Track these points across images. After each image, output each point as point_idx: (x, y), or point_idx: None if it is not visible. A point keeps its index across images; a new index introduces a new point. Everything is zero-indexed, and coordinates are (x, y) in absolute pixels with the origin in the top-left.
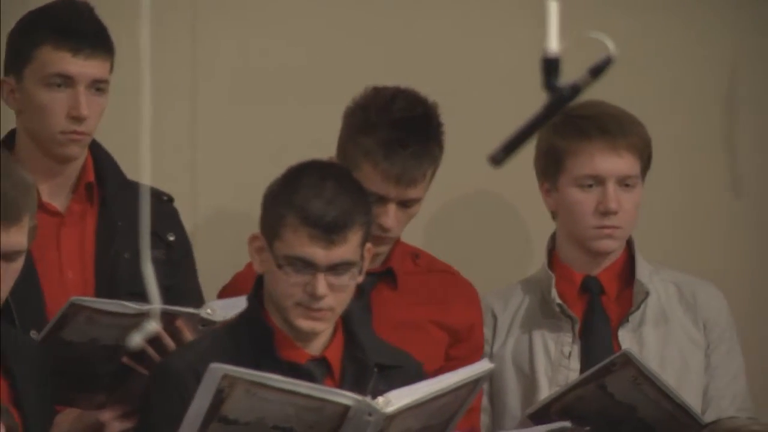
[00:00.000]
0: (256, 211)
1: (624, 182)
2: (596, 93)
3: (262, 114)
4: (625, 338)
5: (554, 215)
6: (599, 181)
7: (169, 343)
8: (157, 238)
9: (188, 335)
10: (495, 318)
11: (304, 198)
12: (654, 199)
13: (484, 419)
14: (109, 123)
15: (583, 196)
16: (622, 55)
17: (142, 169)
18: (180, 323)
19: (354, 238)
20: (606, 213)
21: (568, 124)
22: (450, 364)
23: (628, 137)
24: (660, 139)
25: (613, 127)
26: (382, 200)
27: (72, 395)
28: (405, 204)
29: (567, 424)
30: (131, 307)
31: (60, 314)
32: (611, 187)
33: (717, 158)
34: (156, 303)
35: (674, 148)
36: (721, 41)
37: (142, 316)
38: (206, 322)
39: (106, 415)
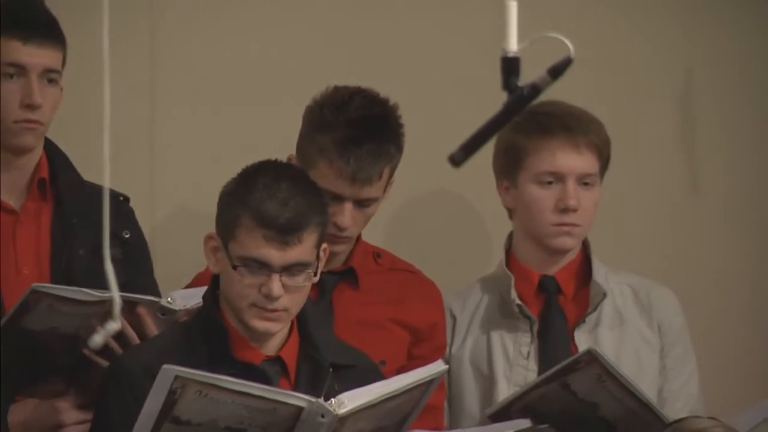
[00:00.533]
0: (215, 211)
1: (583, 180)
2: (555, 93)
3: (221, 114)
4: (582, 339)
5: (511, 214)
6: (559, 178)
7: (131, 334)
8: (113, 236)
9: (150, 323)
10: (454, 318)
11: (259, 199)
12: (612, 199)
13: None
14: (68, 123)
15: (543, 193)
16: (580, 55)
17: (101, 168)
18: (141, 311)
19: (309, 239)
20: (565, 210)
21: (529, 121)
22: (413, 363)
23: (590, 135)
24: (617, 139)
25: (575, 124)
26: (338, 199)
27: (30, 385)
28: (361, 203)
29: (527, 422)
30: (92, 294)
31: (21, 301)
32: (571, 184)
33: (675, 157)
34: (116, 292)
35: (631, 148)
36: (677, 42)
37: (103, 304)
38: (166, 311)
39: (64, 405)
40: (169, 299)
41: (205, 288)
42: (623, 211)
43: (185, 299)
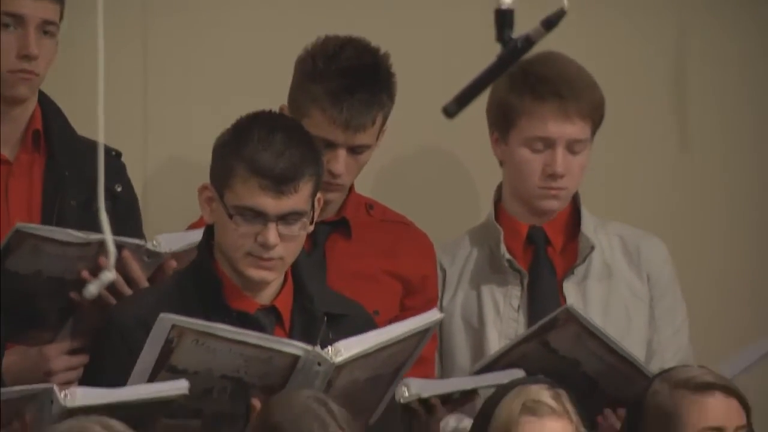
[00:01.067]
0: (207, 162)
1: (573, 147)
2: (548, 46)
3: (213, 65)
4: (570, 291)
5: (501, 164)
6: (549, 144)
7: (119, 279)
8: (105, 189)
9: (135, 267)
10: (444, 272)
11: (254, 149)
12: (604, 155)
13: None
14: (61, 76)
15: (532, 156)
16: (574, 8)
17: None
18: (126, 254)
19: (305, 188)
20: (553, 176)
21: (524, 82)
22: (405, 314)
23: (581, 102)
24: (609, 95)
25: (567, 91)
26: (332, 146)
27: (18, 332)
28: (354, 150)
29: (520, 371)
30: (77, 235)
31: (5, 241)
32: (560, 151)
33: (666, 115)
34: (110, 242)
35: (623, 105)
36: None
37: (88, 246)
38: (152, 254)
39: (52, 351)
40: (154, 242)
41: (192, 232)
42: (615, 167)
43: (171, 242)
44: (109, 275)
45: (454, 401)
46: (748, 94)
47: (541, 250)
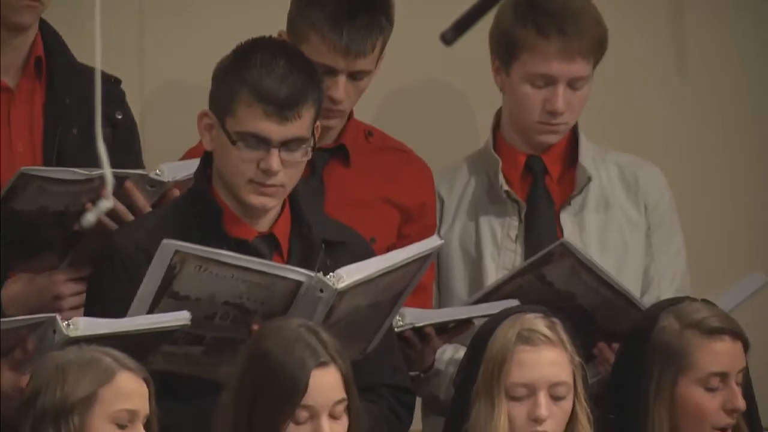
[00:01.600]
0: (206, 88)
1: (574, 84)
2: None
3: None
4: (567, 221)
5: (501, 90)
6: (550, 81)
7: (122, 209)
8: (105, 117)
9: (138, 197)
10: (442, 201)
11: (258, 75)
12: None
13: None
14: (58, 3)
15: (533, 92)
16: None
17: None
18: (129, 185)
19: (307, 114)
20: (553, 113)
21: (529, 15)
22: (402, 241)
23: (585, 41)
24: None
25: (572, 29)
26: (332, 72)
27: (23, 261)
28: (354, 76)
29: (515, 301)
30: (80, 172)
31: (9, 185)
32: (561, 88)
33: (663, 39)
34: (108, 170)
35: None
36: None
37: (91, 181)
38: (155, 183)
39: (60, 276)
40: (157, 171)
41: (195, 160)
42: (611, 92)
43: (174, 171)
44: (107, 203)
45: (449, 331)
46: (743, 25)
47: (539, 180)
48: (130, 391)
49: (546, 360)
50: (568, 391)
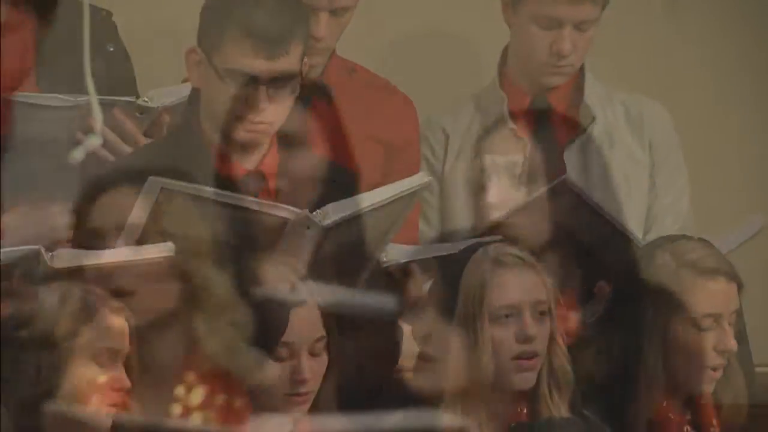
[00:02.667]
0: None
1: (581, 26)
2: None
3: None
4: (570, 160)
5: (510, 26)
6: (558, 23)
7: (113, 138)
8: (97, 49)
9: (128, 125)
10: (447, 136)
11: (246, 11)
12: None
13: (434, 236)
14: None
15: (540, 33)
16: None
17: None
18: (117, 113)
19: (296, 50)
20: (559, 55)
21: None
22: (387, 178)
23: None
24: None
25: None
26: (313, 10)
27: (19, 194)
28: (335, 13)
29: (498, 237)
30: (67, 99)
31: None
32: (568, 30)
33: None
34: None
35: None
36: None
37: (78, 108)
38: (144, 110)
39: (57, 207)
40: (145, 98)
41: (184, 86)
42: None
43: (162, 97)
44: (95, 140)
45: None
46: None
47: (544, 118)
48: (111, 329)
49: (526, 278)
50: (548, 310)
